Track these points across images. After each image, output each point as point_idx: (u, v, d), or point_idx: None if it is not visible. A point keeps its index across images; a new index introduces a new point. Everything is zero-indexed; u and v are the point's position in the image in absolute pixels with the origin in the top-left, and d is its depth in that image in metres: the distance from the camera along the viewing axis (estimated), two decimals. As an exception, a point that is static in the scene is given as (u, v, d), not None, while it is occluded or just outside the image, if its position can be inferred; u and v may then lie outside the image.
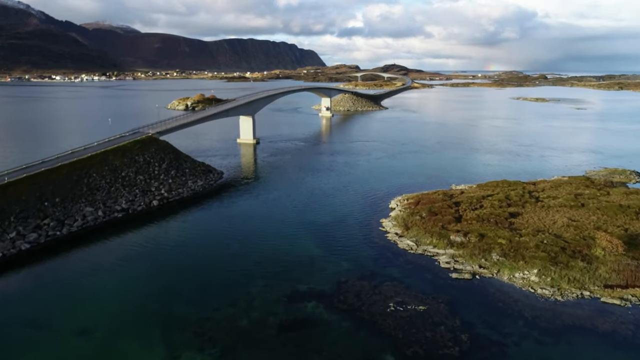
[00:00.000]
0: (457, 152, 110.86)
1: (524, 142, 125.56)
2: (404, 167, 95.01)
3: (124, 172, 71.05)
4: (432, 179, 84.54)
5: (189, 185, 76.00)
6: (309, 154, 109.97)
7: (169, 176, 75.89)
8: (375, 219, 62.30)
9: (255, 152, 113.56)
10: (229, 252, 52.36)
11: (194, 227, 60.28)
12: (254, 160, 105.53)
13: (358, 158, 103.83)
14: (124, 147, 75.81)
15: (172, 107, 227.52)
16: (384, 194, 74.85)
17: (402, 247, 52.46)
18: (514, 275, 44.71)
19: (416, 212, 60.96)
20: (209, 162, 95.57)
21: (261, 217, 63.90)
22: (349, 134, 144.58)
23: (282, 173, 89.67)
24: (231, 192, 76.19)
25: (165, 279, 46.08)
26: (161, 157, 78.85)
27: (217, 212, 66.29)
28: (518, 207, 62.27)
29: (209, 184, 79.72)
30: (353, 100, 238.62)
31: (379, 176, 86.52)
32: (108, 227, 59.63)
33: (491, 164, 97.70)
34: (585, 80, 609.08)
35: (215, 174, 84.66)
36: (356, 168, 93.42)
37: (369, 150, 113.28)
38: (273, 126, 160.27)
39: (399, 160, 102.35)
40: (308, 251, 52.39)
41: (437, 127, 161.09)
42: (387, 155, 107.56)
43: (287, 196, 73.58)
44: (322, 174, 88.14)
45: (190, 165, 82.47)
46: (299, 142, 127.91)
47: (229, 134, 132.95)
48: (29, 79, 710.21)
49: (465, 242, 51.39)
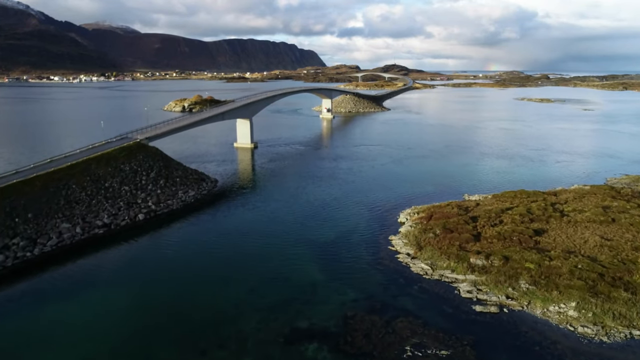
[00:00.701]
0: (467, 158, 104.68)
1: (536, 146, 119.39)
2: (412, 174, 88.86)
3: (108, 182, 64.96)
4: (443, 188, 78.43)
5: (180, 196, 69.89)
6: (309, 160, 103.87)
7: (157, 186, 69.78)
8: (383, 236, 56.18)
9: (252, 157, 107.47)
10: (220, 276, 46.29)
11: (182, 246, 54.14)
12: (251, 166, 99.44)
13: (362, 164, 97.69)
14: (108, 154, 69.72)
15: (169, 109, 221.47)
16: (392, 205, 68.71)
17: (415, 272, 46.32)
18: (547, 308, 38.57)
19: (429, 229, 54.83)
20: (204, 169, 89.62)
21: (257, 233, 57.75)
22: (351, 137, 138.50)
23: (281, 181, 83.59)
24: (225, 204, 70.07)
25: (146, 311, 40.06)
26: (149, 165, 72.76)
27: (209, 227, 60.14)
28: (542, 222, 56.12)
29: (202, 194, 73.61)
30: (354, 101, 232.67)
31: (385, 185, 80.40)
32: (86, 246, 53.54)
33: (504, 171, 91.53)
34: (588, 80, 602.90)
35: (209, 183, 78.58)
36: (360, 175, 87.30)
37: (373, 155, 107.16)
38: (272, 129, 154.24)
39: (405, 166, 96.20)
40: (309, 276, 46.30)
41: (443, 130, 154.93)
42: (393, 160, 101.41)
43: (286, 208, 67.48)
44: (323, 182, 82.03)
45: (181, 174, 76.38)
46: (299, 145, 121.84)
47: (227, 137, 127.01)
48: (27, 80, 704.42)
49: (488, 265, 45.27)
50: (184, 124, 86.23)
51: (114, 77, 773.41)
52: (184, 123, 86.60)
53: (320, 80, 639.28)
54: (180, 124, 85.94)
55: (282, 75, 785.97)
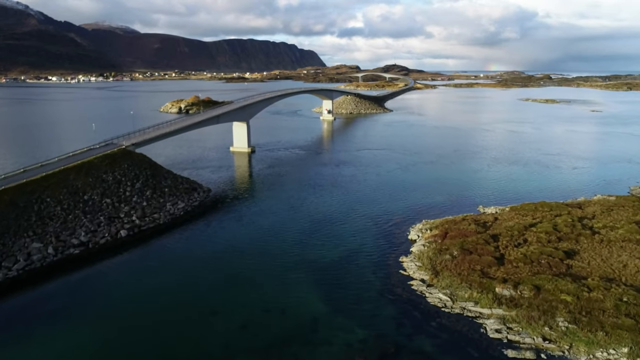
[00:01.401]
0: (478, 164, 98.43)
1: (550, 151, 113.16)
2: (420, 182, 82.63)
3: (87, 195, 58.81)
4: (455, 199, 72.26)
5: (167, 209, 63.70)
6: (310, 165, 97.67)
7: (143, 198, 63.60)
8: (393, 257, 50.02)
9: (250, 163, 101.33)
10: (208, 308, 40.12)
11: (166, 269, 47.95)
12: (248, 173, 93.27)
13: (366, 170, 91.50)
14: (89, 163, 63.55)
15: (165, 110, 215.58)
16: (401, 219, 62.54)
17: (432, 303, 40.14)
18: (594, 354, 32.41)
19: (445, 249, 48.68)
20: (196, 176, 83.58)
21: (252, 254, 51.58)
22: (353, 140, 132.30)
23: (279, 190, 77.44)
24: (218, 217, 63.89)
25: (116, 353, 33.93)
26: (135, 175, 66.59)
27: (197, 246, 53.96)
28: (571, 242, 49.96)
29: (193, 205, 67.43)
30: (356, 102, 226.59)
31: (392, 194, 74.22)
32: (58, 269, 47.42)
33: (519, 179, 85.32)
34: (590, 80, 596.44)
35: (201, 193, 72.42)
36: (365, 184, 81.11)
37: (378, 161, 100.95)
38: (270, 131, 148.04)
39: (413, 173, 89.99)
40: (310, 307, 40.17)
41: (450, 132, 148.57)
42: (400, 167, 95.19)
43: (285, 223, 61.31)
44: (325, 192, 75.88)
45: (170, 183, 70.22)
46: (299, 150, 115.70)
47: (224, 141, 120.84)
48: (24, 80, 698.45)
49: (517, 297, 39.10)
50: (174, 128, 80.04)
51: (112, 78, 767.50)
52: (174, 127, 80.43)
53: (320, 81, 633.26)
54: (171, 129, 79.77)
55: (282, 76, 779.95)
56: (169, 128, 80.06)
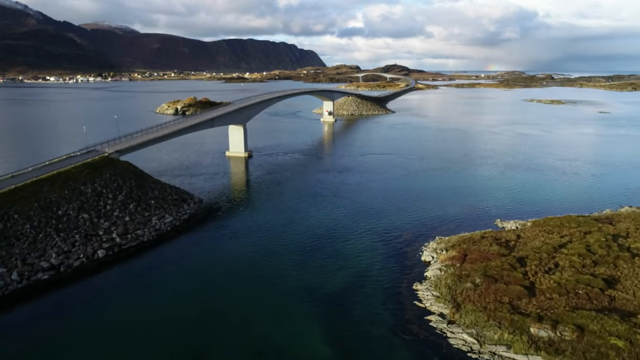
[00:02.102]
0: (491, 170, 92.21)
1: (565, 155, 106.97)
2: (430, 192, 76.40)
3: (62, 209, 52.68)
4: (469, 211, 66.10)
5: (153, 224, 57.56)
6: (310, 172, 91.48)
7: (125, 212, 57.45)
8: (405, 284, 43.88)
9: (246, 169, 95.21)
10: (189, 351, 33.99)
11: (145, 299, 41.78)
12: (244, 181, 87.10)
13: (371, 178, 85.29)
14: (66, 173, 57.42)
15: (161, 111, 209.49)
16: (412, 235, 56.40)
17: (456, 346, 34.02)
18: (663, 421, 26.23)
19: (465, 276, 42.53)
20: (188, 185, 77.55)
21: (244, 279, 45.43)
22: (356, 143, 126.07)
23: (277, 201, 71.28)
24: (208, 234, 57.72)
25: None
26: (118, 185, 60.45)
27: (183, 270, 47.74)
28: (609, 266, 43.77)
29: (182, 219, 61.29)
30: (357, 103, 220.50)
31: (400, 206, 68.03)
32: (23, 298, 41.32)
33: (537, 187, 79.13)
34: (594, 80, 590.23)
35: (192, 204, 66.29)
36: (370, 194, 74.92)
37: (383, 167, 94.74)
38: (269, 134, 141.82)
39: (421, 181, 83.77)
40: (310, 350, 34.13)
41: (457, 135, 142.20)
42: (407, 173, 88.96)
43: (283, 240, 55.16)
44: (327, 203, 69.71)
45: (158, 194, 64.05)
46: (298, 154, 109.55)
47: (220, 145, 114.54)
48: (22, 80, 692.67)
49: (557, 340, 32.94)
50: (163, 133, 73.80)
51: (111, 78, 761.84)
52: (163, 133, 74.19)
53: (320, 81, 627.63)
54: (159, 134, 73.52)
55: (282, 76, 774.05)
56: (158, 133, 73.83)
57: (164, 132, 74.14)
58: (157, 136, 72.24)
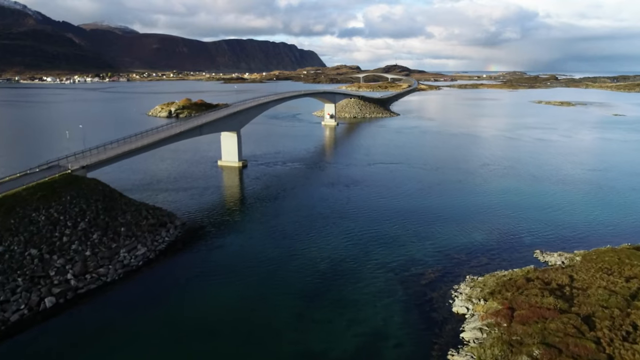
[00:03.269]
0: (516, 184, 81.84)
1: (594, 165, 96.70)
2: (450, 211, 66.03)
3: (4, 244, 42.34)
4: (500, 236, 55.83)
5: (121, 258, 47.29)
6: (312, 186, 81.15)
7: (87, 245, 47.15)
8: (437, 351, 33.60)
9: (240, 182, 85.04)
10: None
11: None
12: (236, 196, 76.81)
13: (381, 193, 74.92)
14: (15, 197, 47.10)
15: (154, 114, 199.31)
16: (436, 272, 46.12)
17: None
18: None
19: (517, 342, 32.23)
20: (172, 203, 67.48)
21: (228, 338, 35.11)
22: (361, 151, 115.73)
23: (273, 224, 60.98)
24: (188, 270, 47.38)
25: None
26: (80, 210, 50.16)
27: (150, 323, 37.40)
28: None
29: (158, 250, 51.04)
30: (360, 105, 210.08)
31: (418, 231, 57.71)
32: None
33: (573, 205, 68.74)
34: (599, 81, 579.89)
35: (172, 230, 56.05)
36: (381, 214, 64.58)
37: (394, 180, 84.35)
38: (266, 140, 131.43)
39: (439, 197, 73.36)
40: None
41: (471, 142, 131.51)
42: (421, 188, 78.52)
43: (278, 280, 44.90)
44: (332, 227, 59.39)
45: (130, 219, 53.77)
46: (298, 163, 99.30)
47: (216, 152, 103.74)
48: (18, 81, 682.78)
49: None
50: (141, 144, 63.37)
51: (108, 78, 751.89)
52: (141, 143, 63.75)
53: (320, 81, 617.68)
54: (136, 145, 63.09)
55: (282, 76, 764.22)
56: (134, 144, 63.40)
57: (141, 143, 63.73)
58: (133, 148, 61.89)
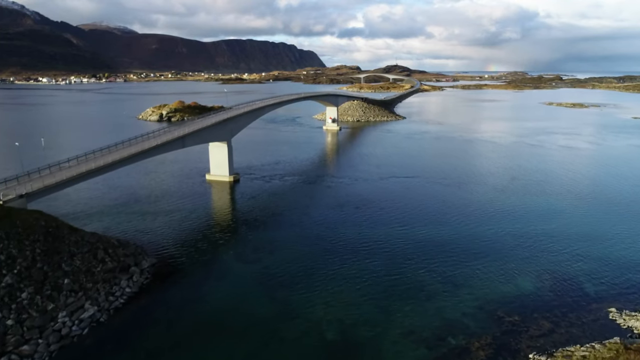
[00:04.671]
0: (557, 203, 69.12)
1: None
2: (487, 246, 53.24)
3: None
4: (557, 284, 43.32)
5: (58, 326, 34.80)
6: (316, 208, 68.32)
7: (10, 309, 34.57)
8: None
9: (231, 202, 72.79)
10: None
11: None
12: (225, 223, 64.01)
13: (399, 219, 62.07)
14: None
15: (144, 118, 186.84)
16: (485, 348, 33.63)
17: None
18: None
19: None
20: (143, 233, 55.04)
21: None
22: (370, 161, 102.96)
23: (267, 265, 48.42)
24: (152, 337, 34.84)
25: None
26: (9, 257, 37.59)
27: None
28: None
29: (113, 307, 38.53)
30: (363, 108, 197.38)
31: (450, 276, 45.05)
32: None
33: (636, 237, 56.17)
34: (605, 81, 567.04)
35: (137, 274, 43.60)
36: (402, 250, 51.95)
37: (413, 200, 71.22)
38: (261, 148, 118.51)
39: (469, 225, 60.32)
40: None
41: (491, 150, 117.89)
42: (446, 211, 65.47)
43: (273, 353, 32.46)
44: (341, 270, 46.80)
45: (80, 264, 41.21)
46: (299, 177, 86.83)
47: (207, 163, 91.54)
48: (13, 82, 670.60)
49: None
50: (105, 163, 50.48)
51: (105, 79, 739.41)
52: (104, 162, 50.82)
53: (320, 82, 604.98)
54: (100, 164, 50.10)
55: (281, 76, 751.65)
56: (97, 162, 50.44)
57: (104, 162, 50.97)
58: (93, 168, 49.14)
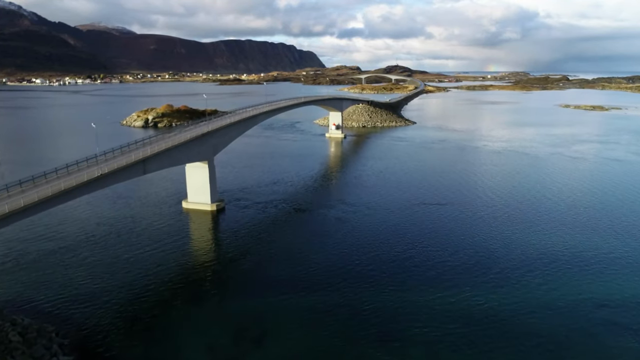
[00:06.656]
0: (633, 242, 52.67)
1: None
2: (560, 303, 36.81)
3: None
4: None
5: None
6: (324, 252, 51.65)
7: None
8: None
9: (213, 239, 56.17)
10: None
11: None
12: (198, 283, 47.17)
13: (435, 267, 45.45)
14: None
15: (129, 123, 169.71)
16: None
17: None
18: None
19: None
20: (84, 299, 38.36)
21: None
22: (388, 180, 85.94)
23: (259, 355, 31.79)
24: None
25: None
26: None
27: None
28: None
29: None
30: (369, 112, 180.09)
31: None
32: None
33: None
34: (615, 81, 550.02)
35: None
36: (442, 321, 35.36)
37: (448, 235, 54.64)
38: (254, 163, 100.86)
39: (525, 279, 43.76)
40: None
41: (524, 162, 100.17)
42: (492, 251, 48.89)
43: None
44: None
45: None
46: (299, 203, 70.25)
47: (183, 184, 75.34)
48: (5, 83, 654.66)
49: None
50: (22, 205, 33.88)
51: (100, 80, 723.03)
52: (24, 202, 34.23)
53: (320, 82, 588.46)
54: (34, 200, 33.61)
55: (280, 77, 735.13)
56: (30, 199, 33.85)
57: (23, 203, 34.15)
58: (7, 212, 32.41)
